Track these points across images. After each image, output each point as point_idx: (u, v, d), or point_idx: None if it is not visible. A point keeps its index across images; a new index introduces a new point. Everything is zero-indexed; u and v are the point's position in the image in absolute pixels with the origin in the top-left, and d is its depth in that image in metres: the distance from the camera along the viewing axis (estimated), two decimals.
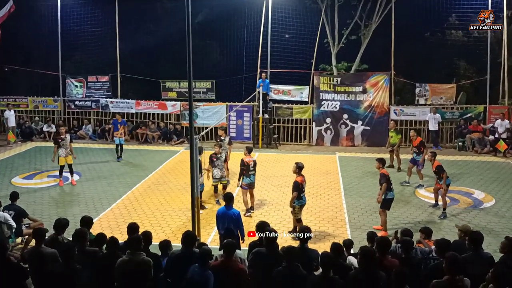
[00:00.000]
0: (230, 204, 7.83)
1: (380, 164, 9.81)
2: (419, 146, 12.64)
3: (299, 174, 9.26)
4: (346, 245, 7.14)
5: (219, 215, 7.87)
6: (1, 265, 5.50)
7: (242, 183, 10.59)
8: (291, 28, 18.35)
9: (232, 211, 7.77)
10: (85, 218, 6.86)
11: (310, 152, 16.97)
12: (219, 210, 7.92)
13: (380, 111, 17.56)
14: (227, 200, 7.88)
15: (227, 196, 7.97)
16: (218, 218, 7.89)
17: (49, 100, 19.81)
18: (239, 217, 7.78)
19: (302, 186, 9.14)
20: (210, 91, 19.19)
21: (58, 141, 12.59)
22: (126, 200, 11.72)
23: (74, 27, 19.49)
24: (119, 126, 15.51)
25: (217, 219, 7.91)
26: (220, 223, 7.85)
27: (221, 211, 7.85)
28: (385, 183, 9.40)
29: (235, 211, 7.81)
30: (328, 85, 17.84)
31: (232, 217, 7.70)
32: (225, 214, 7.77)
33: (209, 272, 5.43)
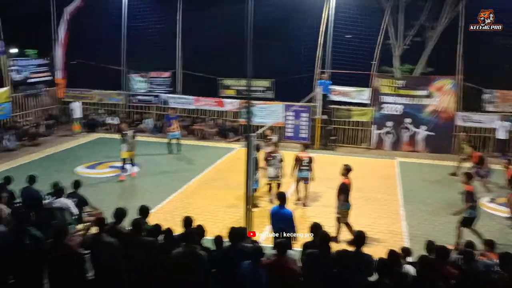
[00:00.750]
0: (283, 204, 7.76)
1: (467, 179, 9.09)
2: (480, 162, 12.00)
3: (346, 176, 9.16)
4: (404, 253, 6.85)
5: (272, 214, 7.83)
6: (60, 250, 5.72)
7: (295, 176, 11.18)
8: (353, 28, 17.89)
9: (285, 211, 7.69)
10: (143, 207, 7.01)
11: (369, 156, 16.49)
12: (272, 209, 7.88)
13: (445, 116, 16.73)
14: (280, 199, 7.81)
15: (280, 195, 7.91)
16: (271, 217, 7.85)
17: (113, 93, 20.64)
18: (292, 217, 7.67)
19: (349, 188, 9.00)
20: (268, 90, 19.17)
21: (121, 137, 13.08)
22: (182, 194, 11.94)
23: (138, 23, 20.13)
24: (172, 121, 15.92)
25: (271, 218, 7.87)
26: (273, 222, 7.80)
27: (274, 210, 7.80)
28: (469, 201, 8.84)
29: (288, 211, 7.72)
30: (390, 87, 17.25)
31: (284, 216, 7.62)
32: (278, 213, 7.71)
33: (261, 270, 5.37)
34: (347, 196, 9.04)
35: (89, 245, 6.35)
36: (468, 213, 8.87)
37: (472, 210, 8.89)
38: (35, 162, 14.65)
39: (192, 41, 21.05)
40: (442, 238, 9.14)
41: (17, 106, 18.51)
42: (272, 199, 11.01)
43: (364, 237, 6.03)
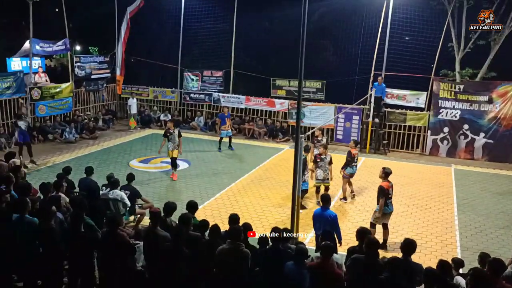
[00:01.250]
0: (327, 206, 7.70)
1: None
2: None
3: (385, 179, 9.01)
4: (456, 264, 6.56)
5: (315, 216, 7.81)
6: (112, 240, 5.95)
7: (345, 173, 11.47)
8: (412, 30, 17.29)
9: (328, 213, 7.62)
10: (191, 202, 7.15)
11: (422, 162, 15.92)
12: (316, 211, 7.86)
13: (507, 124, 15.84)
14: (324, 202, 7.76)
15: (324, 198, 7.85)
16: (314, 219, 7.83)
17: (167, 91, 21.23)
18: (336, 219, 7.58)
19: (388, 192, 8.85)
20: (319, 91, 18.99)
21: (167, 135, 12.93)
22: (229, 191, 12.09)
23: (195, 23, 20.56)
24: (226, 120, 16.17)
25: (314, 220, 7.85)
26: (316, 224, 7.78)
27: (318, 212, 7.77)
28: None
29: (331, 213, 7.65)
30: (448, 92, 16.56)
31: (328, 218, 7.56)
32: (322, 215, 7.66)
33: (305, 271, 5.34)
34: (386, 200, 8.83)
35: (143, 237, 6.58)
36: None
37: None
38: (92, 154, 15.35)
39: (246, 41, 21.28)
40: (497, 251, 8.73)
41: (79, 100, 19.51)
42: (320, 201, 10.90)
43: (413, 245, 5.85)
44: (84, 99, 19.88)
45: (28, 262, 6.16)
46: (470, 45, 17.10)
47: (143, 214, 9.32)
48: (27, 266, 6.22)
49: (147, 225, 7.33)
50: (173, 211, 7.08)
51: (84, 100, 19.87)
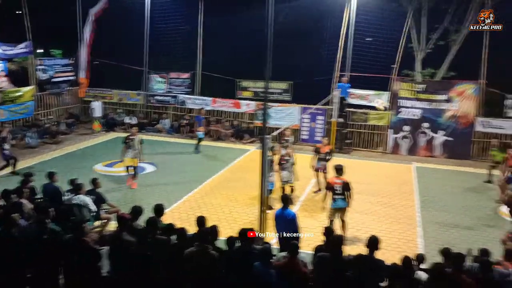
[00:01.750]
0: (286, 205, 7.73)
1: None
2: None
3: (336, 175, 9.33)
4: (418, 259, 6.79)
5: (276, 217, 7.80)
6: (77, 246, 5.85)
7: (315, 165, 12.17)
8: (374, 31, 17.72)
9: (287, 212, 7.66)
10: (157, 206, 7.10)
11: (385, 160, 16.36)
12: (277, 212, 7.86)
13: (465, 122, 16.51)
14: (283, 202, 7.77)
15: (284, 198, 7.86)
16: (276, 219, 7.81)
17: (132, 93, 20.94)
18: (295, 218, 7.64)
19: (333, 187, 9.12)
20: (285, 92, 19.19)
21: (127, 142, 12.35)
22: (197, 193, 12.05)
23: (160, 24, 20.35)
24: (202, 122, 16.18)
25: (275, 221, 7.83)
26: (277, 224, 7.77)
27: (279, 213, 7.78)
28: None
29: (290, 212, 7.70)
30: (409, 91, 17.09)
31: (287, 218, 7.59)
32: (282, 215, 7.68)
33: (272, 271, 5.42)
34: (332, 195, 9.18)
35: (109, 242, 6.48)
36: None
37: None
38: (55, 159, 14.97)
39: (212, 43, 21.20)
40: (458, 246, 9.04)
41: (40, 104, 18.95)
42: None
43: (378, 242, 6.00)
44: (46, 102, 19.33)
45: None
46: (430, 46, 17.68)
47: (109, 219, 9.17)
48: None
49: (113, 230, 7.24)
50: (139, 215, 7.02)
51: (46, 104, 19.32)
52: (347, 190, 9.17)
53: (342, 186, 9.14)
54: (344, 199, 9.19)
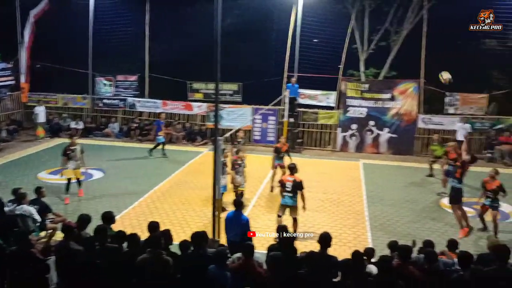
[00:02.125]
0: (239, 209, 7.68)
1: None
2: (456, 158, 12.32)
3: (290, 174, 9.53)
4: (367, 254, 7.01)
5: (227, 220, 7.70)
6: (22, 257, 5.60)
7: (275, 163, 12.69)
8: (320, 32, 18.20)
9: (241, 217, 7.61)
10: (106, 214, 6.93)
11: (334, 158, 16.80)
12: (228, 215, 7.75)
13: (408, 119, 17.26)
14: (236, 206, 7.70)
15: (237, 202, 7.80)
16: (227, 222, 7.72)
17: (78, 97, 20.25)
18: (248, 223, 7.60)
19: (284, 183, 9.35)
20: (236, 94, 19.24)
21: (67, 153, 11.47)
22: (148, 198, 11.84)
23: (105, 26, 19.83)
24: (162, 126, 15.94)
25: (226, 224, 7.73)
26: (228, 227, 7.66)
27: (230, 216, 7.68)
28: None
29: (244, 217, 7.67)
30: (355, 91, 17.65)
31: (241, 222, 7.53)
32: (235, 219, 7.59)
33: (227, 273, 5.42)
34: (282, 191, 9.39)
35: (55, 252, 6.24)
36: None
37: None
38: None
39: (160, 44, 20.89)
40: (404, 238, 9.44)
41: None
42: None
43: (329, 239, 6.14)
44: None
45: None
46: (373, 46, 18.34)
47: (55, 229, 8.81)
48: None
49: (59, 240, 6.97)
50: (87, 224, 6.82)
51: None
52: (298, 189, 9.27)
53: (293, 184, 9.25)
54: (292, 197, 9.26)
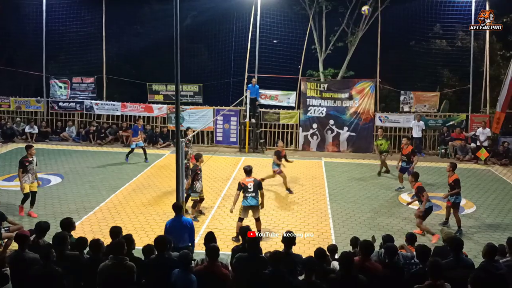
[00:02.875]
0: (181, 213, 7.46)
1: (413, 178, 10.07)
2: (410, 155, 12.76)
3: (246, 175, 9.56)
4: (330, 250, 7.16)
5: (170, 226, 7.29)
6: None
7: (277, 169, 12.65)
8: (280, 33, 18.43)
9: (185, 220, 7.39)
10: (64, 220, 6.74)
11: (296, 157, 16.94)
12: (169, 221, 7.39)
13: (366, 117, 17.74)
14: (177, 210, 7.41)
15: (177, 206, 7.50)
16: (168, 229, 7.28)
17: (32, 100, 19.55)
18: (193, 225, 7.50)
19: (246, 186, 9.34)
20: (197, 95, 19.14)
21: (25, 165, 10.51)
22: (109, 203, 11.58)
23: (59, 27, 19.29)
24: (139, 132, 15.55)
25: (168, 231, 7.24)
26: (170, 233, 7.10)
27: (172, 222, 7.34)
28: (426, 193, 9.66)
29: (189, 220, 7.52)
30: (315, 91, 17.96)
31: (187, 225, 7.31)
32: (177, 224, 7.29)
33: (192, 276, 5.39)
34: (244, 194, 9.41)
35: (9, 262, 6.01)
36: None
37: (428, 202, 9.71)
38: None
39: (117, 46, 20.52)
40: (366, 234, 9.70)
41: None
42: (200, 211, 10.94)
43: (294, 238, 6.22)
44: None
45: None
46: (330, 47, 18.73)
47: (10, 238, 8.45)
48: None
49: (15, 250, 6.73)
50: (45, 231, 6.62)
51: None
52: (259, 188, 9.41)
53: (254, 184, 9.37)
54: (255, 197, 9.36)
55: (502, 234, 9.97)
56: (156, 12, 20.72)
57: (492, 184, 13.86)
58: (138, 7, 21.14)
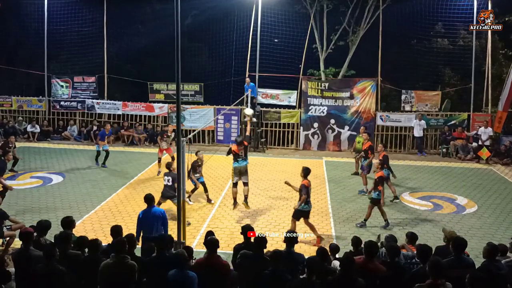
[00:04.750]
0: (151, 204, 7.74)
1: (303, 173, 9.34)
2: (367, 150, 12.60)
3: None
4: (332, 250, 7.17)
5: (142, 218, 7.61)
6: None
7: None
8: (281, 32, 18.41)
9: (156, 210, 7.73)
10: (66, 219, 6.76)
11: (297, 157, 17.01)
12: (142, 212, 7.73)
13: (367, 116, 17.71)
14: (147, 201, 7.72)
15: (148, 197, 7.79)
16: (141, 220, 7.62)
17: (34, 100, 19.57)
18: (165, 214, 7.77)
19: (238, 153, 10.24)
20: (198, 94, 19.13)
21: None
22: (110, 202, 11.60)
23: (61, 26, 19.30)
24: (106, 138, 15.10)
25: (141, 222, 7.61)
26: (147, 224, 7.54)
27: (145, 213, 7.67)
28: (305, 194, 9.11)
29: (161, 210, 7.88)
30: (316, 90, 17.94)
31: (160, 216, 7.62)
32: (150, 215, 7.59)
33: (191, 274, 5.38)
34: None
35: (16, 259, 6.02)
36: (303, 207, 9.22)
37: (306, 204, 9.24)
38: None
39: (118, 45, 20.53)
40: (366, 233, 9.71)
41: None
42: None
43: (295, 237, 6.23)
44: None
45: None
46: (332, 46, 18.70)
47: (13, 237, 8.51)
48: None
49: (18, 248, 6.75)
50: (47, 230, 6.64)
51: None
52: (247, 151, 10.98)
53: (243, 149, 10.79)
54: (244, 159, 10.77)
55: (503, 234, 9.97)
56: (157, 11, 20.72)
57: (494, 184, 13.84)
58: (139, 6, 21.15)
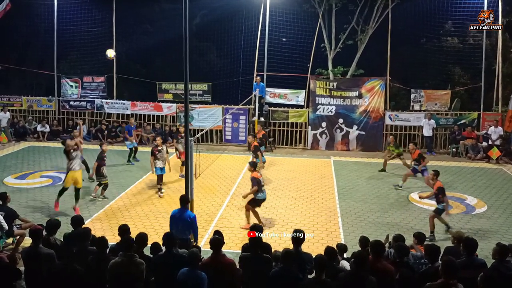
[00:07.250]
0: (186, 206, 7.68)
1: (252, 168, 10.22)
2: (418, 158, 12.91)
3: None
4: (340, 249, 7.14)
5: (173, 217, 7.62)
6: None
7: None
8: (289, 32, 18.38)
9: (188, 214, 7.60)
10: (75, 217, 6.81)
11: (305, 156, 16.97)
12: (174, 212, 7.70)
13: (375, 116, 17.62)
14: (182, 202, 7.65)
15: (183, 199, 7.73)
16: (172, 220, 7.62)
17: (44, 100, 19.73)
18: (195, 220, 7.61)
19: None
20: (206, 94, 19.16)
21: None
22: (119, 201, 11.66)
23: (70, 26, 19.43)
24: (133, 131, 15.52)
25: (171, 221, 7.63)
26: (174, 225, 7.56)
27: (176, 213, 7.64)
28: (255, 186, 9.80)
29: (191, 214, 7.67)
30: (324, 89, 17.88)
31: (187, 220, 7.51)
32: (180, 216, 7.55)
33: (201, 274, 5.39)
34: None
35: (25, 258, 6.08)
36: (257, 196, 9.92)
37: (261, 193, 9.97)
38: None
39: (127, 45, 20.62)
40: (375, 233, 9.67)
41: None
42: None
43: (303, 236, 6.21)
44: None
45: None
46: (340, 45, 18.63)
47: (23, 235, 8.59)
48: None
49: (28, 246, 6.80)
50: (56, 229, 6.68)
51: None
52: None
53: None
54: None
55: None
56: (166, 11, 20.77)
57: (504, 184, 13.70)
58: (148, 6, 21.22)
